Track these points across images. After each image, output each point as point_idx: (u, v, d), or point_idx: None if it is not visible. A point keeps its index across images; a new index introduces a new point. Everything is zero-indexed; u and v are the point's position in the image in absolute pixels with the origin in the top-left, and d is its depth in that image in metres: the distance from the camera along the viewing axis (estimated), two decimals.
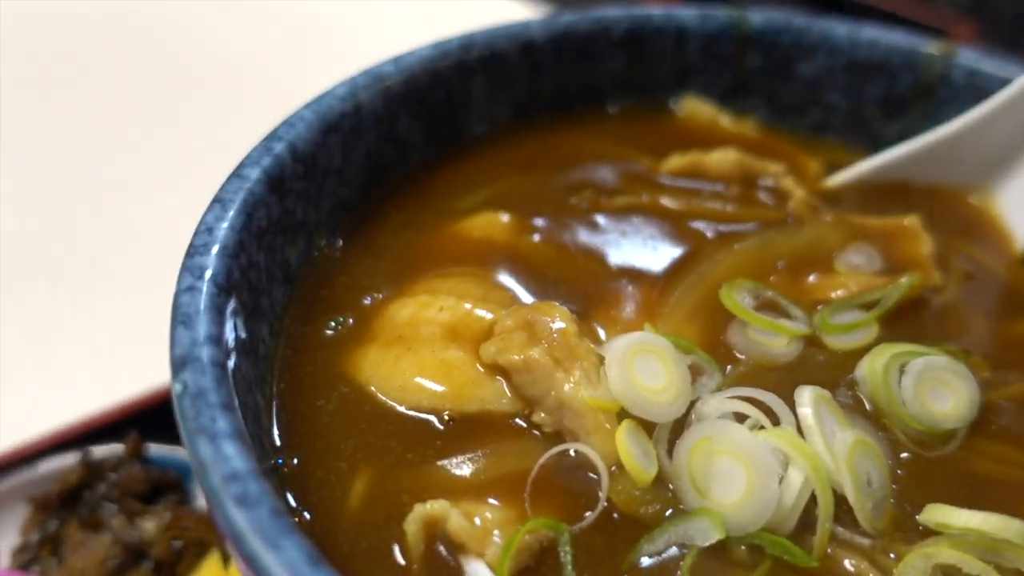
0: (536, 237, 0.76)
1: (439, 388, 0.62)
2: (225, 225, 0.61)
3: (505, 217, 0.77)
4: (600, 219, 0.78)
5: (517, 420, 0.61)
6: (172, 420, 0.91)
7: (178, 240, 0.62)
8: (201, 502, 0.87)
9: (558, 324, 0.62)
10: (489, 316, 0.66)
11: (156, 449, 0.88)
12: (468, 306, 0.67)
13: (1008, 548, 0.54)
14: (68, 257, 1.19)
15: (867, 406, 0.63)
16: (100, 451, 0.87)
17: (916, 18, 1.49)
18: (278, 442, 0.59)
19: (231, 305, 0.58)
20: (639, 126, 0.90)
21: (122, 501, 0.83)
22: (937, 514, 0.56)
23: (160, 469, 0.86)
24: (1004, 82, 0.78)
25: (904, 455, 0.61)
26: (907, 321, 0.69)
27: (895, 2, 1.57)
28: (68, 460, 0.86)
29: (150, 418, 0.91)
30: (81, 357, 1.04)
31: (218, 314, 0.55)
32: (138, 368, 0.89)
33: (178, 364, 0.51)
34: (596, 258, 0.74)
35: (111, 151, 1.39)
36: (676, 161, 0.83)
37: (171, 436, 0.89)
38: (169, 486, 0.86)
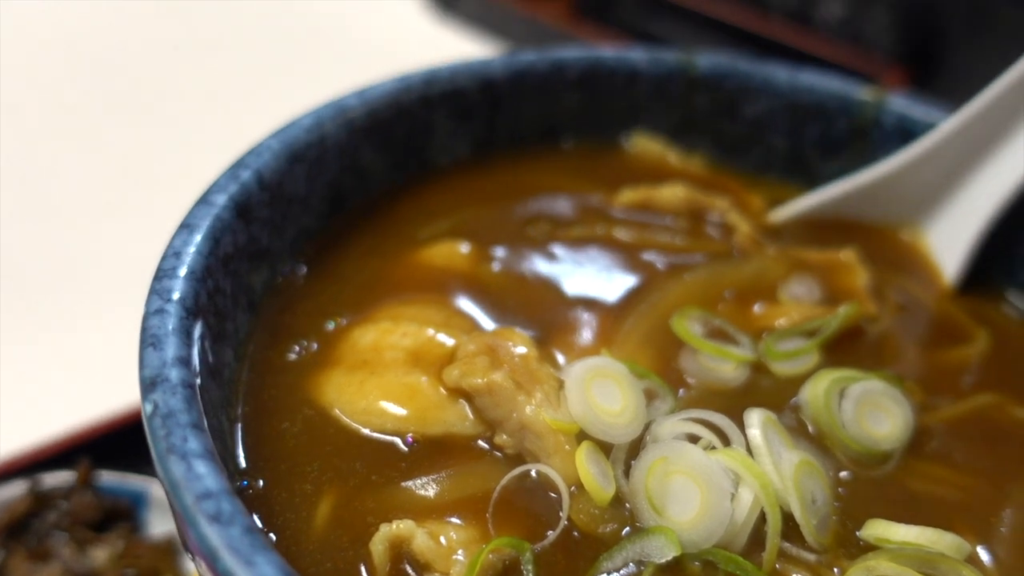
0: (495, 266, 0.78)
1: (403, 411, 0.64)
2: (192, 250, 0.62)
3: (465, 247, 0.79)
4: (556, 249, 0.81)
5: (480, 442, 0.63)
6: (125, 447, 0.90)
7: (128, 268, 0.62)
8: (153, 531, 0.86)
9: (519, 349, 0.65)
10: (451, 341, 0.68)
11: (108, 477, 0.87)
12: (430, 332, 0.69)
13: (942, 560, 0.57)
14: (15, 282, 1.17)
15: (810, 428, 0.67)
16: (50, 479, 0.85)
17: (851, 65, 1.57)
18: (243, 464, 0.60)
19: (198, 329, 0.59)
20: (592, 161, 0.93)
21: (72, 530, 0.81)
22: (877, 529, 0.59)
23: (112, 497, 0.85)
24: (930, 127, 0.84)
25: (845, 475, 0.64)
26: (846, 349, 0.73)
27: (832, 49, 1.66)
28: (16, 489, 0.84)
29: (102, 445, 0.90)
30: (31, 383, 1.02)
31: (186, 336, 0.56)
32: (90, 394, 0.89)
33: (148, 385, 0.51)
34: (553, 287, 0.77)
35: (51, 173, 1.37)
36: (628, 195, 0.86)
37: (123, 463, 0.88)
38: (121, 514, 0.84)
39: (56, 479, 0.85)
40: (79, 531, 0.81)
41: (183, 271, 0.60)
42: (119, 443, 0.90)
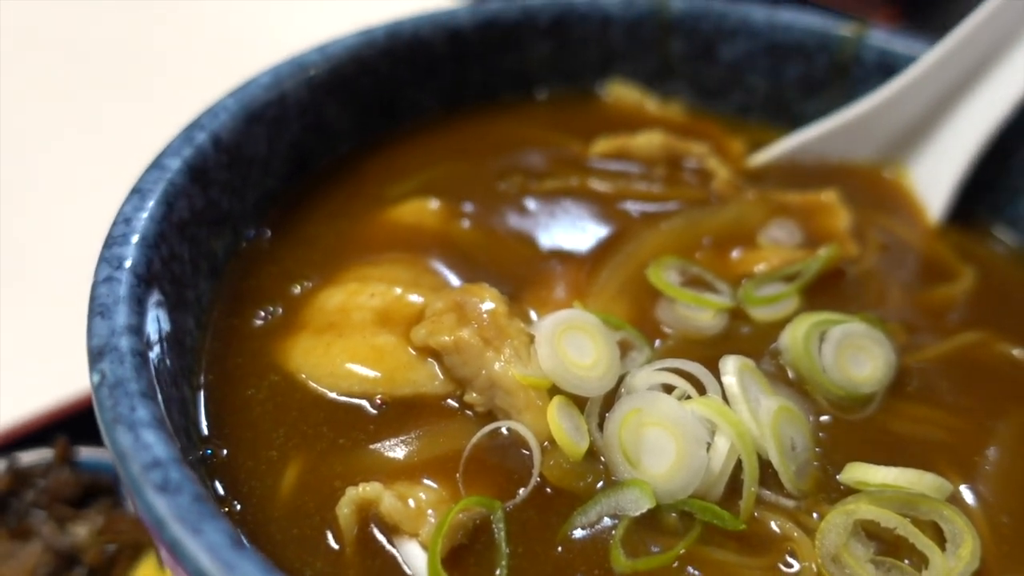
0: (466, 223, 0.76)
1: (371, 373, 0.62)
2: (144, 215, 0.60)
3: (435, 203, 0.77)
4: (530, 203, 0.78)
5: (449, 401, 0.61)
6: None
7: (97, 240, 0.60)
8: None
9: (488, 305, 0.63)
10: (420, 300, 0.66)
11: (87, 453, 0.86)
12: (399, 291, 0.67)
13: (923, 501, 0.56)
14: None
15: (790, 374, 0.65)
16: (28, 457, 0.84)
17: (837, 5, 1.53)
18: (206, 433, 0.58)
19: (153, 296, 0.57)
20: (567, 111, 0.91)
21: (52, 507, 0.80)
22: (856, 472, 0.58)
23: (91, 472, 0.84)
24: (912, 61, 0.81)
25: (826, 419, 0.63)
26: (827, 292, 0.71)
27: None
28: None
29: (81, 421, 0.89)
30: (5, 361, 1.01)
31: (138, 304, 0.54)
32: (66, 370, 0.87)
33: (95, 354, 0.50)
34: (526, 241, 0.75)
35: (25, 148, 1.34)
36: (604, 144, 0.84)
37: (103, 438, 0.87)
38: (101, 490, 0.84)
39: (33, 457, 0.84)
40: (58, 508, 0.80)
41: (134, 238, 0.58)
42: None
